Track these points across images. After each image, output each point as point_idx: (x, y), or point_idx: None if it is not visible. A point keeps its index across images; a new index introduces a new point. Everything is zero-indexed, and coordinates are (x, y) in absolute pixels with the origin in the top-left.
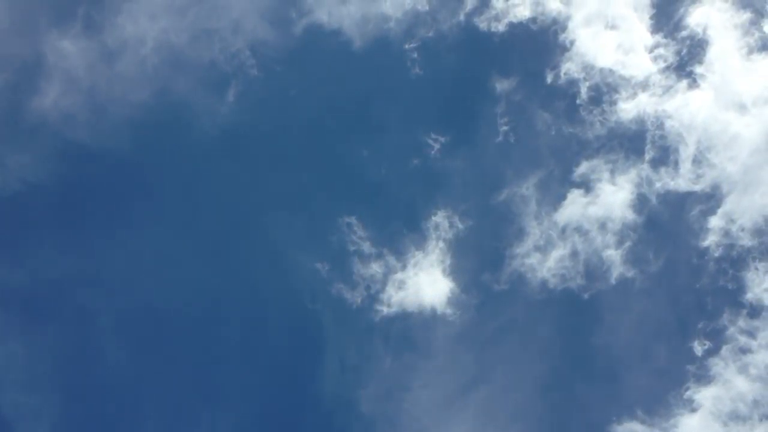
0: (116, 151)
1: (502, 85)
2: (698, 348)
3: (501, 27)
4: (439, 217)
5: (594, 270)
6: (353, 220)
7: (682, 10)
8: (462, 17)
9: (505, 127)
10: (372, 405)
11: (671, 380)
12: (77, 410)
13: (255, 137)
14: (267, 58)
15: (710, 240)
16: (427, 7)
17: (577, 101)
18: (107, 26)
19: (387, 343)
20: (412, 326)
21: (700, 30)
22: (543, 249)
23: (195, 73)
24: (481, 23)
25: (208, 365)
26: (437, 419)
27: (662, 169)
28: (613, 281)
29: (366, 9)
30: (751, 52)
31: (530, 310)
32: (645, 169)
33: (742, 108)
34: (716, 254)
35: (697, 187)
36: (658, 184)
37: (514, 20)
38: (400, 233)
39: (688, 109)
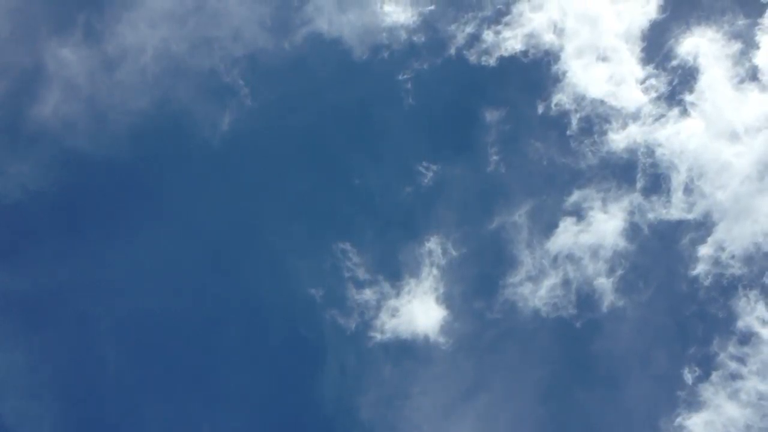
0: (116, 159)
1: (492, 116)
2: (688, 375)
3: (492, 60)
4: (433, 244)
5: (586, 299)
6: (348, 246)
7: (672, 41)
8: (453, 51)
9: (495, 157)
10: (372, 412)
11: (662, 406)
12: (78, 417)
13: (250, 161)
14: (260, 83)
15: (701, 268)
16: (423, 39)
17: (568, 132)
18: (107, 34)
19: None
20: (405, 354)
21: (690, 59)
22: (535, 278)
23: (195, 82)
24: (472, 56)
25: (209, 372)
26: (437, 427)
27: (654, 198)
28: (604, 310)
29: (366, 20)
30: (741, 81)
31: (522, 340)
32: (637, 197)
33: (732, 137)
34: (706, 283)
35: (688, 216)
36: (649, 213)
37: (505, 54)
38: (394, 260)
39: (678, 138)
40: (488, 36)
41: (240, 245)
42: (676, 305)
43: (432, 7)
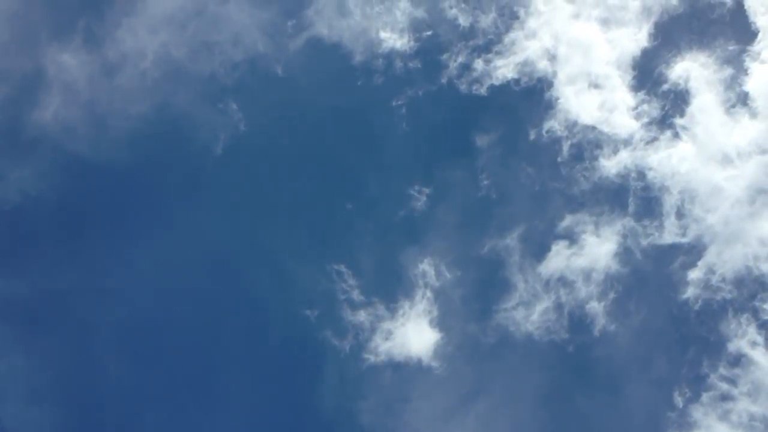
0: (116, 164)
1: (483, 142)
2: (679, 398)
3: (483, 88)
4: (426, 265)
5: (578, 322)
6: (343, 268)
7: (663, 66)
8: (446, 78)
9: (486, 182)
10: (372, 417)
11: (653, 428)
12: (78, 421)
13: (245, 186)
14: (253, 106)
15: (692, 292)
16: (418, 66)
17: (558, 159)
18: (107, 40)
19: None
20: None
21: (682, 83)
22: (528, 302)
23: (195, 87)
24: (463, 84)
25: (208, 377)
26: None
27: (646, 221)
28: (596, 333)
29: (366, 24)
30: (733, 106)
31: (514, 364)
32: (629, 221)
33: (724, 160)
34: (696, 306)
35: (679, 239)
36: (641, 236)
37: (496, 82)
38: (388, 282)
39: (670, 162)
40: (478, 65)
41: (239, 252)
42: (668, 328)
43: (429, 33)
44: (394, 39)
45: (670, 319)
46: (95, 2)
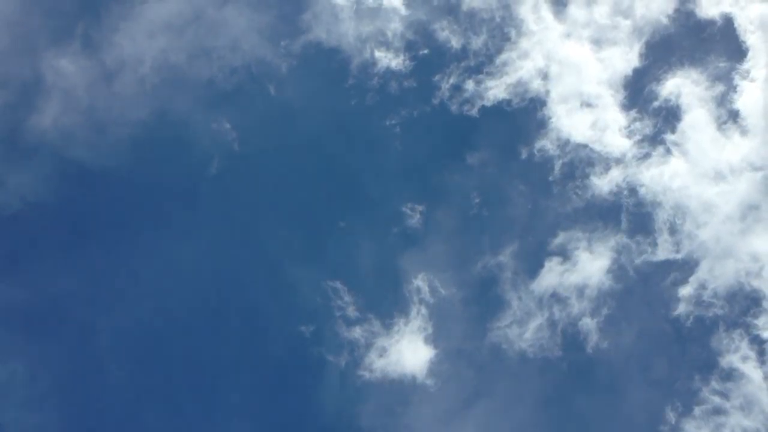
0: (115, 170)
1: (475, 161)
2: (671, 413)
3: (475, 109)
4: (420, 281)
5: (571, 339)
6: (338, 284)
7: (654, 83)
8: (439, 99)
9: (478, 200)
10: (373, 420)
11: None
12: (79, 427)
13: (240, 201)
14: (249, 125)
15: (684, 308)
16: (412, 85)
17: (550, 177)
18: (105, 45)
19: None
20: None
21: (673, 99)
22: (522, 320)
23: (194, 92)
24: (455, 105)
25: (209, 382)
26: None
27: (639, 238)
28: (589, 350)
29: (360, 45)
30: (724, 122)
31: (509, 381)
32: (622, 238)
33: (716, 176)
34: (688, 323)
35: (671, 255)
36: (635, 252)
37: (488, 103)
38: (383, 299)
39: (662, 178)
40: (470, 86)
41: (234, 265)
42: (660, 343)
43: (423, 53)
44: (389, 58)
45: (663, 335)
46: (93, 8)
